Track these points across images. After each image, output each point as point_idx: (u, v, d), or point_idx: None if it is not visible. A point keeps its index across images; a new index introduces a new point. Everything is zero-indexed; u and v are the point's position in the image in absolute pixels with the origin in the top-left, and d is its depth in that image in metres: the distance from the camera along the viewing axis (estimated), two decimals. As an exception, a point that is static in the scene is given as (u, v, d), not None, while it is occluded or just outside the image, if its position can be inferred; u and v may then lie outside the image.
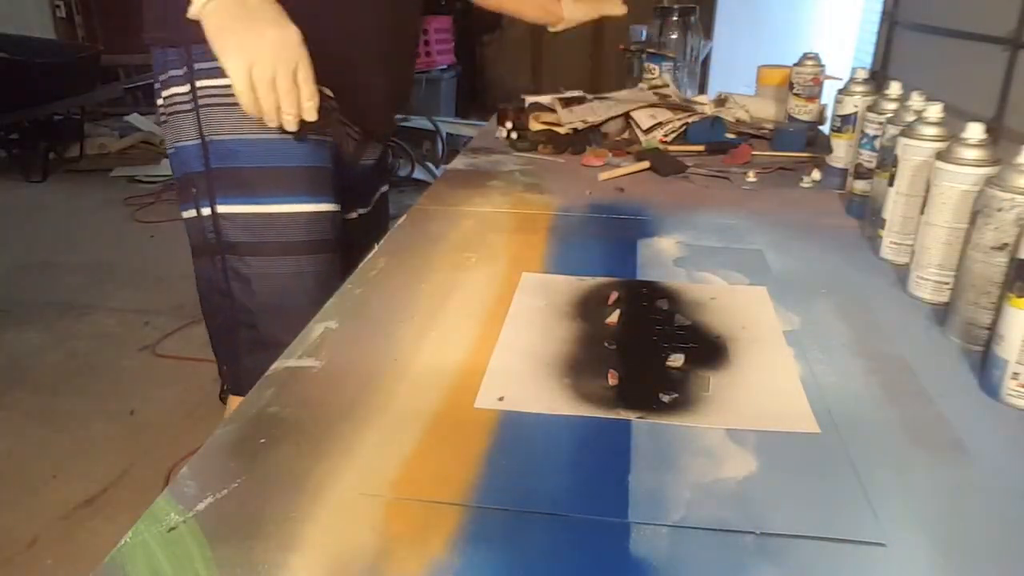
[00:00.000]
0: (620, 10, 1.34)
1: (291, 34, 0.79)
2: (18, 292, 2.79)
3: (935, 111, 0.77)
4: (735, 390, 0.60)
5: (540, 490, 0.49)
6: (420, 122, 3.96)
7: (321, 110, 0.84)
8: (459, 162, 1.26)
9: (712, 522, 0.46)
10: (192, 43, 0.84)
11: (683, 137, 1.34)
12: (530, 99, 1.43)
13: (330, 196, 0.93)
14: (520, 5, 1.33)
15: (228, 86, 0.80)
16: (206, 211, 0.90)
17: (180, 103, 0.89)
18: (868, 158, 0.96)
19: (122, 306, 2.66)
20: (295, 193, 0.90)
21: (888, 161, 0.83)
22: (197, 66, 0.86)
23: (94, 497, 1.73)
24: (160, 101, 0.92)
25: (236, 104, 0.82)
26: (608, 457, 0.52)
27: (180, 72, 0.88)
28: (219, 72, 0.81)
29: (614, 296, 0.75)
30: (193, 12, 0.78)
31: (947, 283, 0.72)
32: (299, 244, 0.91)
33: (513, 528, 0.46)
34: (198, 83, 0.87)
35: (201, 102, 0.88)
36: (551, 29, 1.35)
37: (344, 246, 0.96)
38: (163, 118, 0.93)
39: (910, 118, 0.82)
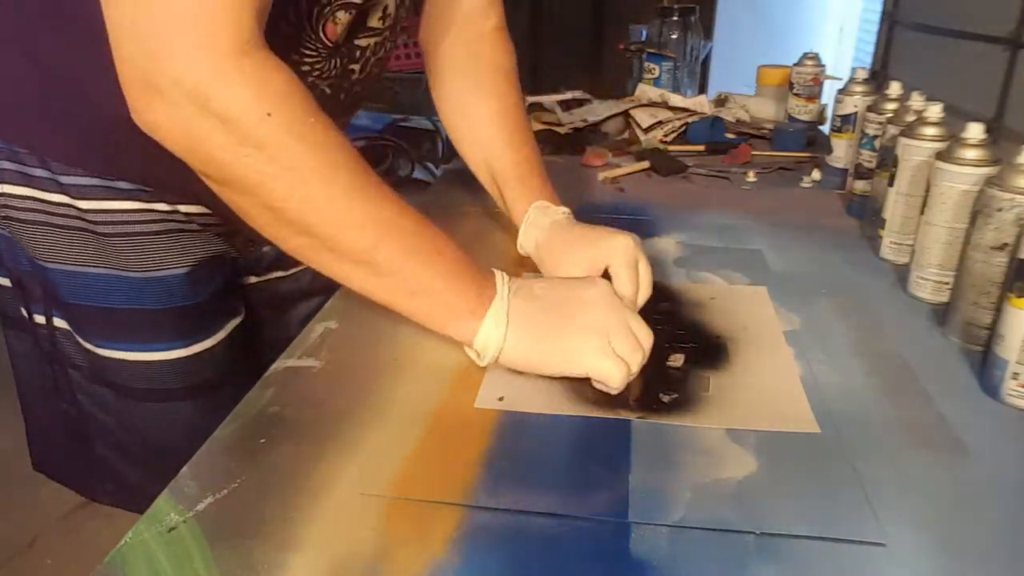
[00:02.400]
0: None
1: (604, 289, 0.62)
2: (18, 292, 2.79)
3: (935, 111, 0.77)
4: (735, 390, 0.60)
5: (540, 490, 0.49)
6: (420, 122, 3.96)
7: (187, 235, 0.70)
8: (459, 162, 1.26)
9: (712, 522, 0.46)
10: (3, 141, 0.64)
11: (683, 137, 1.34)
12: (530, 99, 1.43)
13: (201, 334, 0.73)
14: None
15: (41, 199, 0.65)
16: (40, 319, 0.71)
17: None
18: (868, 158, 0.96)
19: (122, 306, 2.66)
20: (137, 340, 0.70)
21: (888, 161, 0.83)
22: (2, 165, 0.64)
23: (94, 497, 1.73)
24: None
25: (59, 227, 0.65)
26: (608, 457, 0.52)
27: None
28: (32, 182, 0.64)
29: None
30: (487, 361, 0.59)
31: (947, 283, 0.72)
32: (160, 392, 0.73)
33: (513, 528, 0.46)
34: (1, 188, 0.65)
35: (12, 213, 0.66)
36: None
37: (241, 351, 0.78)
38: None
39: (910, 118, 0.82)
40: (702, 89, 2.49)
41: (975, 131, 0.69)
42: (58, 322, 0.71)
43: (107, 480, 0.77)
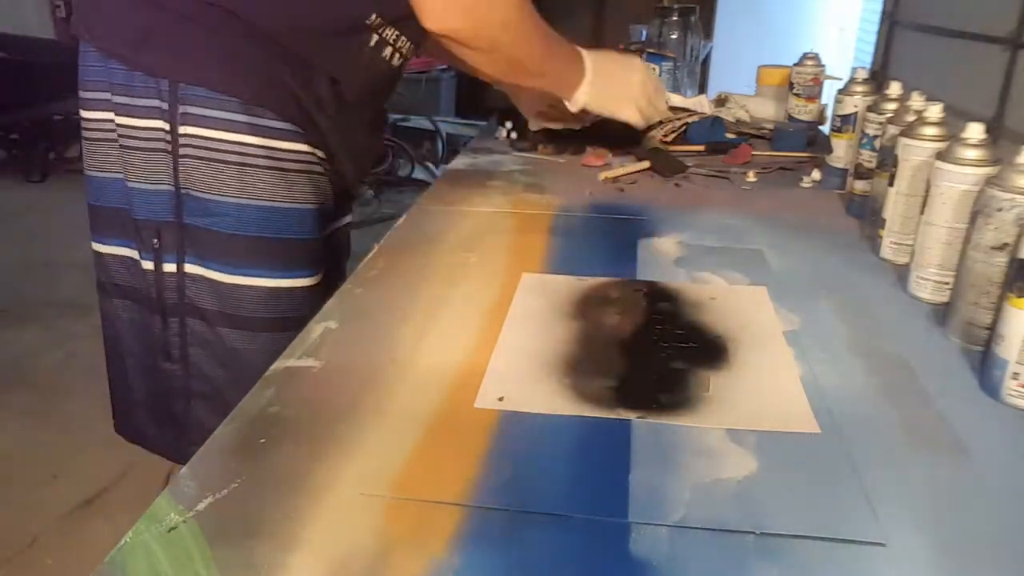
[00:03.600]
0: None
1: (640, 63, 1.14)
2: (18, 292, 2.79)
3: (935, 111, 0.77)
4: (735, 390, 0.60)
5: (540, 490, 0.49)
6: (420, 122, 3.96)
7: (312, 176, 0.83)
8: (459, 162, 1.26)
9: (712, 522, 0.46)
10: (182, 81, 0.76)
11: (683, 137, 1.33)
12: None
13: (310, 269, 0.86)
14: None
15: (218, 139, 0.76)
16: (170, 267, 0.81)
17: (144, 138, 0.78)
18: (868, 158, 0.96)
19: (122, 306, 2.66)
20: (272, 267, 0.82)
21: (888, 161, 0.83)
22: (183, 109, 0.76)
23: (94, 497, 1.73)
24: (99, 116, 0.82)
25: (223, 161, 0.77)
26: (608, 457, 0.52)
27: (153, 104, 0.77)
28: (210, 122, 0.76)
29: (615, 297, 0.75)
30: (580, 106, 1.06)
31: (947, 283, 0.72)
32: (270, 321, 0.83)
33: (513, 528, 0.46)
34: (182, 128, 0.77)
35: (182, 151, 0.78)
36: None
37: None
38: (111, 143, 0.82)
39: (910, 118, 0.82)
40: (702, 89, 2.49)
41: (975, 131, 0.69)
42: (189, 268, 0.81)
43: (198, 442, 0.82)
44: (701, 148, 1.28)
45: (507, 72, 1.00)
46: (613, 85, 1.07)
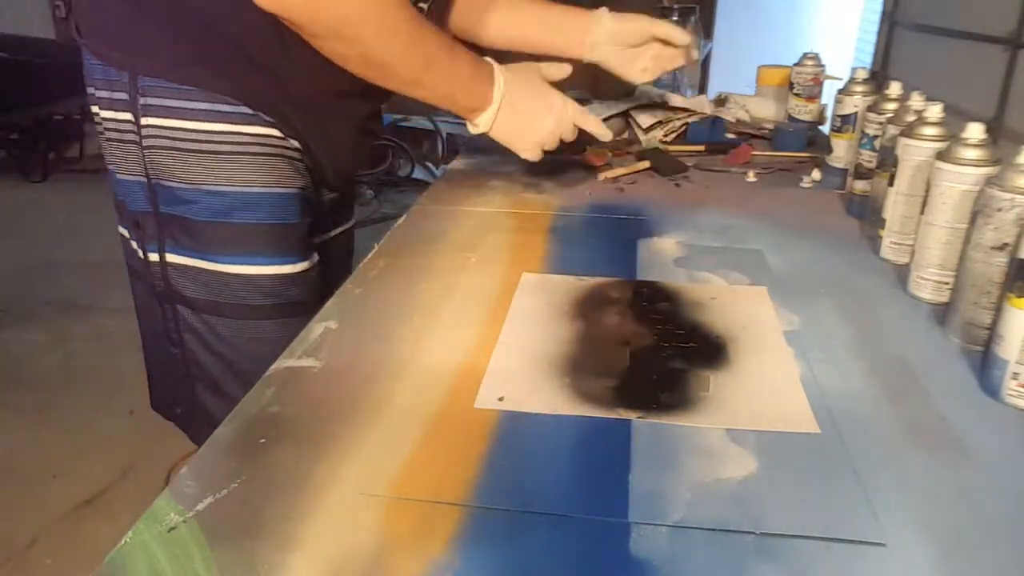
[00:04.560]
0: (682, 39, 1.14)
1: (561, 106, 0.95)
2: (18, 292, 2.80)
3: (935, 111, 0.77)
4: (735, 390, 0.60)
5: (540, 490, 0.49)
6: (420, 122, 3.96)
7: (284, 160, 0.83)
8: (459, 162, 1.26)
9: (712, 522, 0.46)
10: (140, 74, 0.77)
11: (683, 137, 1.34)
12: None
13: (297, 255, 0.86)
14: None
15: (179, 128, 0.77)
16: (154, 256, 0.83)
17: (120, 130, 0.80)
18: (868, 158, 0.96)
19: (122, 306, 2.64)
20: (253, 253, 0.82)
21: (888, 161, 0.83)
22: (143, 100, 0.77)
23: (94, 497, 1.74)
24: (95, 110, 0.83)
25: (188, 149, 0.77)
26: (608, 457, 0.52)
27: (122, 97, 0.78)
28: (169, 112, 0.76)
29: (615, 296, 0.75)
30: (480, 131, 0.93)
31: (947, 283, 0.72)
32: (261, 308, 0.83)
33: (513, 528, 0.46)
34: (144, 120, 0.78)
35: (146, 142, 0.78)
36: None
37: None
38: (100, 132, 0.83)
39: (910, 118, 0.82)
40: (702, 89, 2.49)
41: (975, 131, 0.69)
42: (171, 257, 0.82)
43: (205, 425, 0.86)
44: (701, 148, 1.28)
45: (368, 72, 0.82)
46: (521, 123, 0.94)
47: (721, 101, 1.48)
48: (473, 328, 0.69)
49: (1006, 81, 1.74)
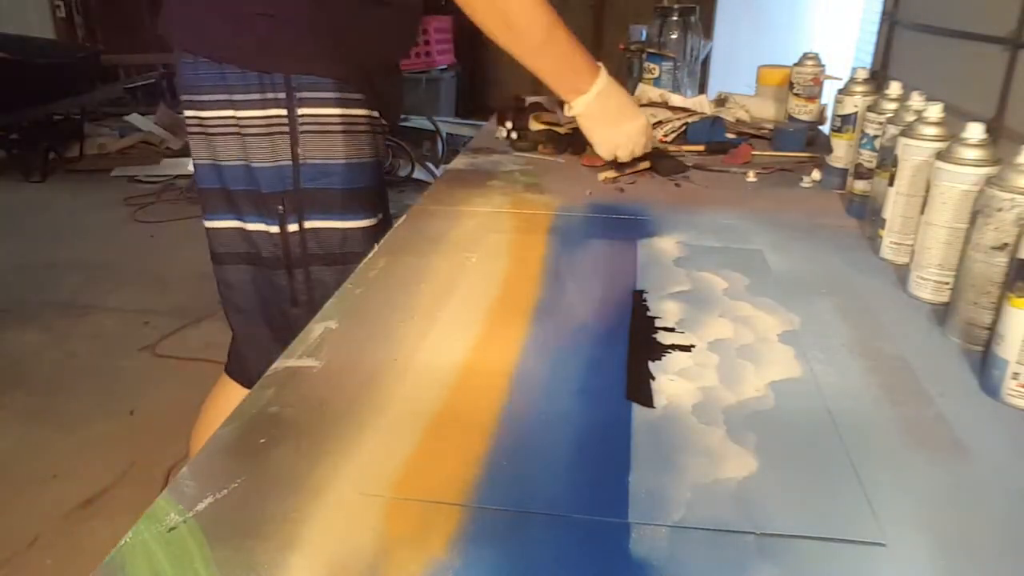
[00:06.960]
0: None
1: (644, 121, 1.11)
2: (18, 292, 2.79)
3: (935, 111, 0.77)
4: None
5: (540, 490, 0.49)
6: (420, 122, 3.96)
7: (375, 135, 1.01)
8: (459, 162, 1.26)
9: (712, 522, 0.46)
10: (293, 72, 0.94)
11: (683, 137, 1.34)
12: (530, 99, 1.43)
13: (380, 210, 1.06)
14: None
15: (324, 115, 0.95)
16: (293, 227, 0.99)
17: (270, 125, 0.96)
18: (868, 158, 0.96)
19: (122, 306, 2.67)
20: (367, 210, 1.02)
21: (888, 161, 0.83)
22: (299, 95, 0.94)
23: (94, 497, 1.73)
24: (218, 114, 0.96)
25: (329, 131, 0.96)
26: (608, 457, 0.52)
27: (274, 96, 0.94)
28: (317, 102, 0.95)
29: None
30: (574, 112, 1.08)
31: (947, 283, 0.72)
32: (358, 255, 0.95)
33: (513, 528, 0.46)
34: (299, 110, 0.95)
35: (301, 128, 0.96)
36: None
37: None
38: (231, 135, 0.97)
39: (910, 118, 0.82)
40: (702, 89, 2.48)
41: (975, 131, 0.69)
42: (310, 223, 0.99)
43: None
44: (701, 148, 1.28)
45: (500, 30, 0.98)
46: (608, 119, 1.09)
47: (721, 101, 1.48)
48: (473, 328, 0.69)
49: (1006, 81, 1.74)
